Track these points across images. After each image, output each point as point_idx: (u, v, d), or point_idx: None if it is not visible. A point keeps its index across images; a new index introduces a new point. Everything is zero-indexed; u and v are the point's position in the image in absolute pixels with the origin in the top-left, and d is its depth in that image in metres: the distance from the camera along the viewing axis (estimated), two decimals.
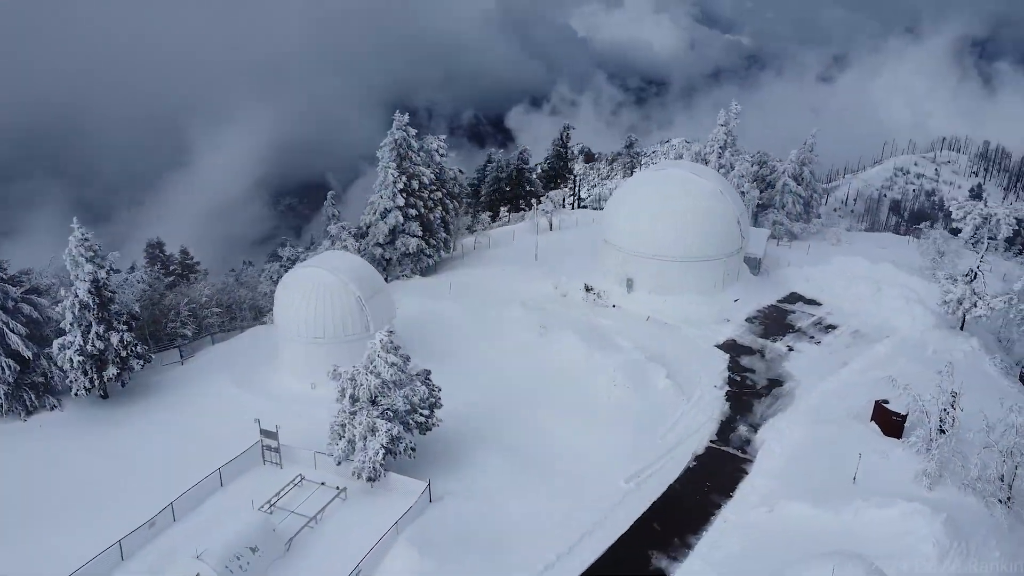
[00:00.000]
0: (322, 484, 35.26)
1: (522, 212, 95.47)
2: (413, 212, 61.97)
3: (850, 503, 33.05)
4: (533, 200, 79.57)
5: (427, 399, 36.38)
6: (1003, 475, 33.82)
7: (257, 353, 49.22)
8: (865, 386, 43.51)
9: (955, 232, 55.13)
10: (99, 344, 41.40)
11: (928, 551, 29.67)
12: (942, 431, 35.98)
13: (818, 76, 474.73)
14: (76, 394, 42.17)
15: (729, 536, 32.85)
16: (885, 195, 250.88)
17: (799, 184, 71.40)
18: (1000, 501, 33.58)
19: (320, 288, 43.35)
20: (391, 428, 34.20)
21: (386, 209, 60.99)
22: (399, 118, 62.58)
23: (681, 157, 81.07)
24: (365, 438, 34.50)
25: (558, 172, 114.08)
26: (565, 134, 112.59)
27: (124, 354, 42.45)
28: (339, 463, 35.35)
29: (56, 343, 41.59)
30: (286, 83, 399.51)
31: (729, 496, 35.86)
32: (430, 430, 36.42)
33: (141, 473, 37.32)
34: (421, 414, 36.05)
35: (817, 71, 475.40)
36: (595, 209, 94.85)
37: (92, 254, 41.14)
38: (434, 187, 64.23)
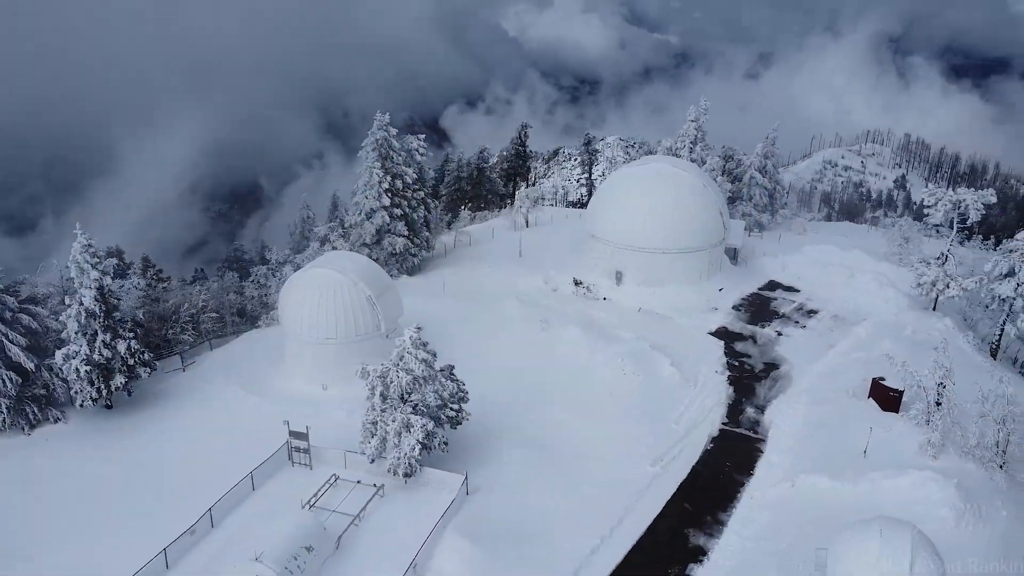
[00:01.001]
0: (358, 482, 35.40)
1: (496, 210, 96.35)
2: (398, 212, 62.10)
3: (865, 474, 35.10)
4: (509, 198, 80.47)
5: (456, 394, 36.93)
6: (998, 442, 36.43)
7: (259, 356, 48.72)
8: (855, 365, 45.97)
9: (919, 218, 58.27)
10: (106, 353, 40.44)
11: (946, 515, 31.85)
12: (938, 404, 38.51)
13: (745, 74, 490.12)
14: (81, 405, 41.08)
15: (758, 511, 34.45)
16: (816, 187, 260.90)
17: (764, 176, 74.25)
18: (998, 466, 36.22)
19: (331, 288, 43.29)
20: (426, 423, 34.63)
21: (372, 209, 60.92)
22: (380, 118, 62.62)
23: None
24: (400, 434, 34.80)
25: (517, 170, 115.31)
26: (523, 133, 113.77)
27: (131, 362, 41.56)
28: (372, 461, 35.54)
29: (60, 353, 40.43)
30: (216, 86, 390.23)
31: (750, 474, 37.53)
32: (460, 424, 36.96)
33: (161, 482, 36.68)
34: (451, 408, 36.58)
35: (744, 69, 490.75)
36: (573, 207, 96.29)
37: (97, 260, 40.14)
38: (416, 186, 64.44)
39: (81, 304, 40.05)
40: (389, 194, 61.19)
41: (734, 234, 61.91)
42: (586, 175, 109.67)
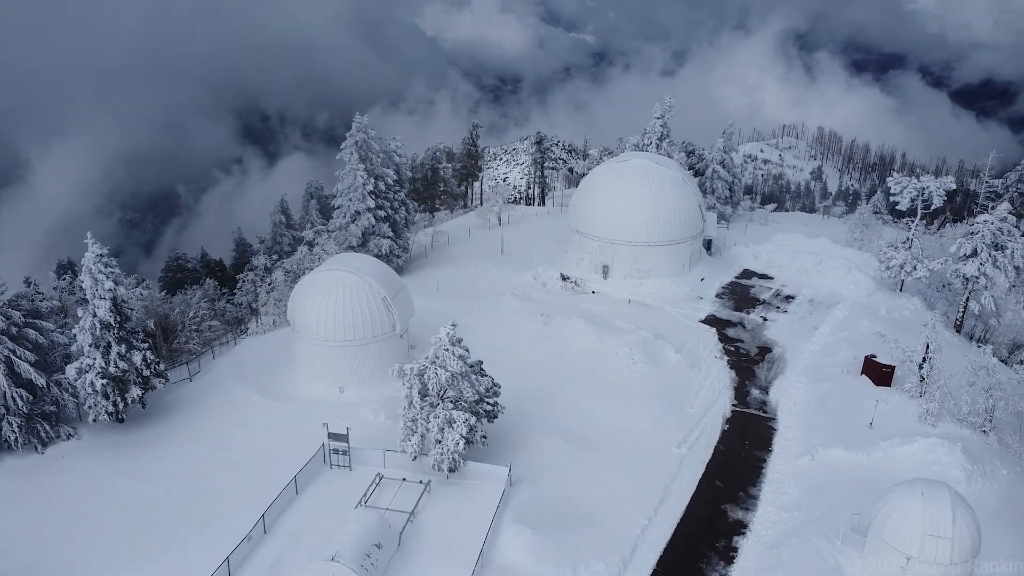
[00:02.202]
0: (403, 480, 35.84)
1: (449, 210, 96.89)
2: (382, 214, 62.21)
3: (876, 444, 37.79)
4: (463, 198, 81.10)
5: (491, 388, 37.78)
6: (987, 409, 39.80)
7: (266, 361, 48.30)
8: (843, 344, 49.05)
9: (852, 209, 61.95)
10: (122, 365, 39.51)
11: (957, 475, 34.69)
12: (922, 379, 41.74)
13: (661, 71, 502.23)
14: (95, 420, 40.00)
15: (786, 484, 36.65)
16: (740, 180, 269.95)
17: (725, 169, 77.46)
18: (985, 431, 39.59)
19: (347, 290, 43.39)
20: (468, 418, 35.39)
21: (357, 212, 60.86)
22: (359, 119, 62.58)
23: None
24: (442, 430, 35.44)
25: (470, 170, 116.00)
26: (474, 132, 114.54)
27: (146, 373, 40.71)
28: (414, 458, 36.09)
29: (72, 367, 39.26)
30: (127, 92, 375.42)
31: (768, 450, 39.78)
32: (496, 417, 37.84)
33: (196, 493, 36.14)
34: (488, 403, 37.44)
35: (660, 67, 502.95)
36: (528, 204, 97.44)
37: (111, 271, 39.17)
38: (397, 188, 64.66)
39: (95, 316, 38.99)
40: (373, 196, 61.25)
41: (709, 225, 64.60)
42: (539, 173, 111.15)
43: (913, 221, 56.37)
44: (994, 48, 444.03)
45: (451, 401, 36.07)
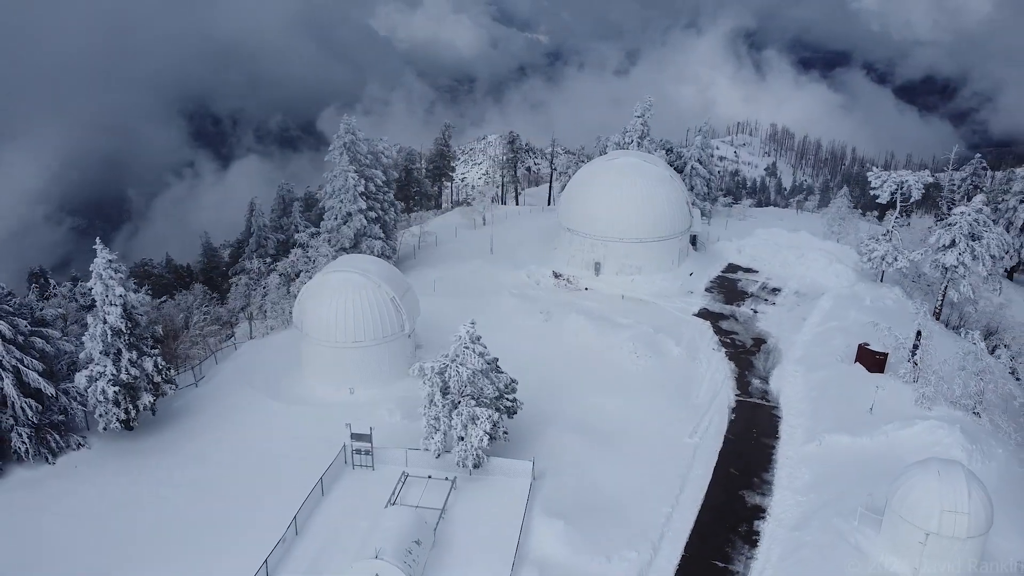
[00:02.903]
0: (429, 477, 36.22)
1: (422, 210, 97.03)
2: (373, 215, 62.26)
3: (879, 428, 39.45)
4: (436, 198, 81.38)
5: (509, 384, 38.38)
6: (978, 392, 41.81)
7: (271, 365, 48.09)
8: (833, 334, 50.88)
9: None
10: (133, 371, 39.07)
11: (959, 455, 36.38)
12: (914, 363, 43.72)
13: (615, 70, 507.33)
14: (105, 428, 39.43)
15: (797, 469, 38.02)
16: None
17: (703, 166, 79.25)
18: (977, 413, 41.57)
19: (357, 291, 43.52)
20: (491, 414, 35.95)
21: (348, 213, 60.79)
22: (347, 121, 62.58)
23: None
24: (466, 427, 35.91)
25: (442, 170, 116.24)
26: (447, 132, 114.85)
27: (157, 380, 40.32)
28: (438, 456, 36.50)
29: (82, 375, 38.66)
30: (75, 96, 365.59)
31: (776, 438, 41.19)
32: (516, 413, 38.43)
33: (217, 497, 35.96)
34: (507, 399, 38.02)
35: (614, 65, 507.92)
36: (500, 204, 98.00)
37: (121, 276, 38.70)
38: (386, 188, 64.75)
39: (105, 322, 38.47)
40: (364, 197, 61.27)
41: (695, 221, 66.06)
42: (512, 173, 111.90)
43: (892, 213, 58.57)
44: (934, 45, 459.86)
45: (472, 398, 36.55)
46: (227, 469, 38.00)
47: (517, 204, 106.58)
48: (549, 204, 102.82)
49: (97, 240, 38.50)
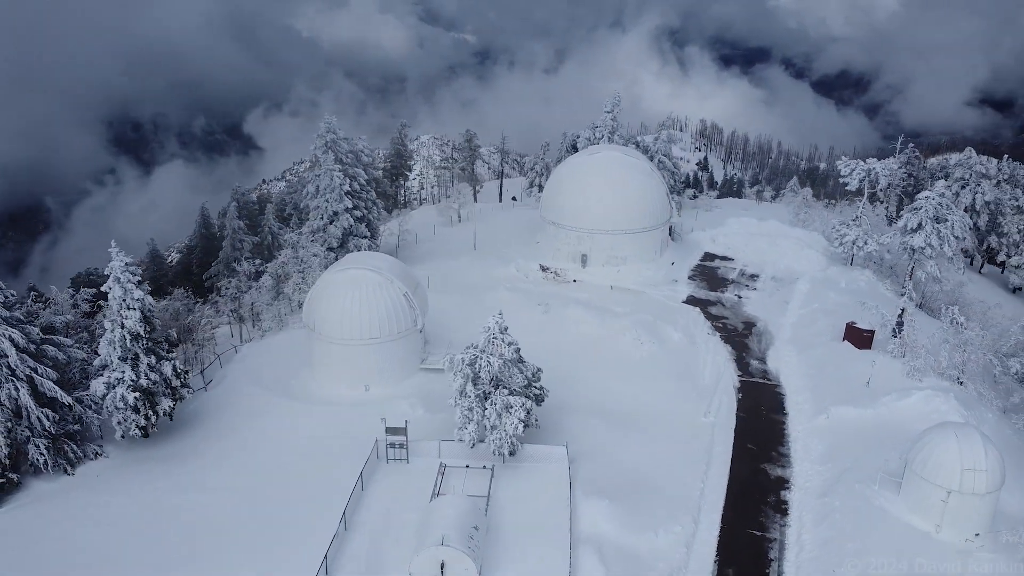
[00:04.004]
0: (467, 467, 36.76)
1: (398, 208, 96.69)
2: (358, 214, 62.11)
3: (878, 400, 41.93)
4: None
5: (536, 372, 39.27)
6: (962, 362, 44.92)
7: (277, 365, 47.65)
8: (817, 315, 53.62)
9: (739, 194, 67.52)
10: (153, 376, 38.35)
11: (957, 420, 38.97)
12: (896, 336, 46.61)
13: (544, 68, 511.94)
14: (123, 436, 38.59)
15: (810, 441, 40.14)
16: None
17: (669, 159, 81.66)
18: (961, 383, 44.64)
19: (371, 288, 43.59)
20: (524, 402, 36.77)
21: (335, 213, 60.48)
22: (328, 120, 62.27)
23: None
24: (500, 416, 36.62)
25: (399, 169, 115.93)
26: (402, 132, 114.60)
27: (175, 384, 39.64)
28: (473, 446, 37.09)
29: (99, 382, 37.72)
30: None
31: (784, 413, 43.31)
32: (544, 400, 39.33)
33: (253, 499, 35.63)
34: (535, 387, 38.90)
35: (543, 63, 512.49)
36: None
37: (139, 279, 37.91)
38: (368, 187, 64.65)
39: (123, 327, 37.61)
40: (350, 196, 61.07)
41: (674, 212, 68.17)
42: (469, 170, 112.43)
43: (861, 200, 61.88)
44: (848, 41, 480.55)
45: (507, 388, 37.28)
46: (258, 471, 37.68)
47: (475, 201, 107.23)
48: (500, 201, 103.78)
49: (112, 243, 37.55)
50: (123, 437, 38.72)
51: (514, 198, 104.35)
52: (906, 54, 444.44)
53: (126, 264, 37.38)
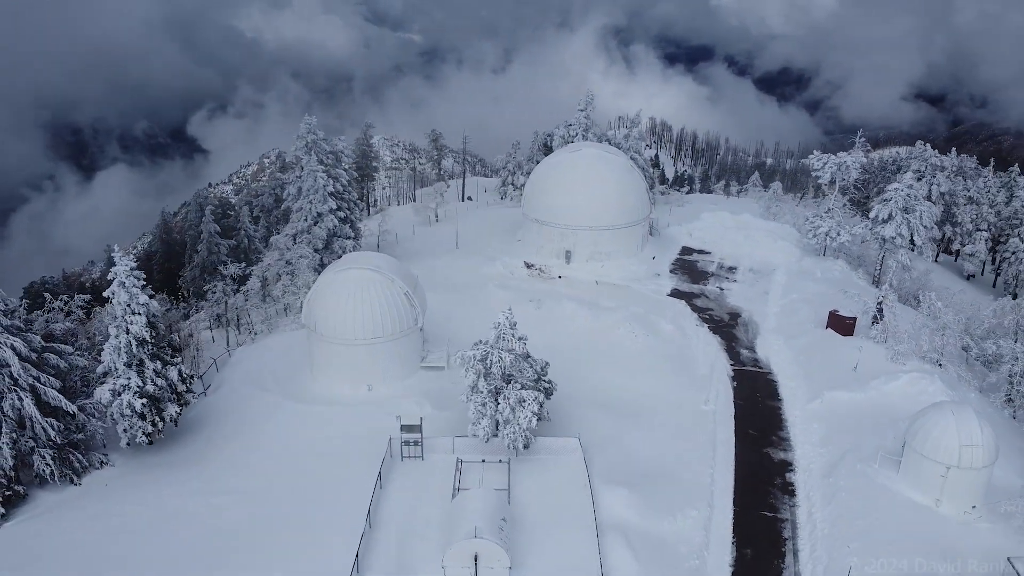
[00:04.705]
0: (483, 461, 37.18)
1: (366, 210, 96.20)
2: (342, 214, 61.87)
3: (867, 383, 43.70)
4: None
5: (545, 366, 39.90)
6: (941, 346, 47.14)
7: (274, 368, 47.29)
8: (798, 304, 55.50)
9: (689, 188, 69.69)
10: (159, 382, 37.82)
11: (943, 400, 41.02)
12: (874, 321, 48.63)
13: (492, 68, 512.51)
14: (129, 444, 37.99)
15: (808, 424, 41.67)
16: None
17: (640, 156, 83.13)
18: (940, 365, 46.84)
19: (372, 288, 43.59)
20: (537, 396, 37.39)
21: (319, 214, 60.11)
22: (308, 120, 61.87)
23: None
24: (514, 410, 37.14)
25: (365, 171, 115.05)
26: (367, 132, 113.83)
27: (181, 389, 39.15)
28: (487, 440, 37.54)
29: (105, 389, 37.00)
30: None
31: (779, 399, 44.83)
32: (552, 394, 39.98)
33: (272, 501, 35.33)
34: (544, 381, 39.55)
35: (492, 63, 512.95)
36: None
37: (144, 283, 37.32)
38: (350, 188, 64.41)
39: (128, 332, 36.99)
40: (334, 197, 60.79)
41: (653, 207, 69.54)
42: (436, 170, 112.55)
43: (832, 192, 64.13)
44: (788, 39, 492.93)
45: (519, 383, 37.82)
46: (271, 473, 37.46)
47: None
48: (462, 200, 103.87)
49: (115, 247, 36.90)
50: (128, 445, 38.10)
51: (469, 198, 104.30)
52: (844, 51, 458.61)
53: (131, 268, 36.75)
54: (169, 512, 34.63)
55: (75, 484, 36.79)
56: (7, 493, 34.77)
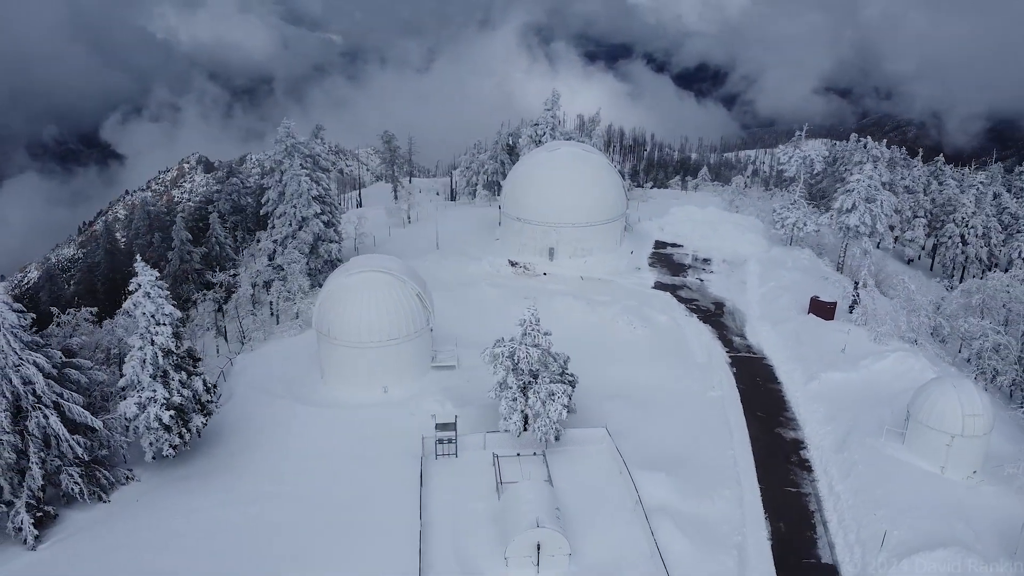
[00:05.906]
0: (518, 455, 38.00)
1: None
2: (325, 218, 61.47)
3: (857, 363, 46.55)
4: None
5: (567, 360, 41.03)
6: (917, 327, 50.51)
7: (282, 374, 46.91)
8: (776, 292, 58.32)
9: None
10: (185, 392, 37.22)
11: (931, 376, 44.15)
12: (853, 309, 51.80)
13: (416, 67, 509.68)
14: (155, 457, 37.25)
15: (810, 404, 44.10)
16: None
17: (603, 154, 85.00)
18: (917, 343, 50.19)
19: (385, 290, 43.81)
20: (566, 389, 38.53)
21: (303, 218, 59.58)
22: (287, 123, 61.26)
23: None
24: (544, 403, 38.15)
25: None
26: (319, 134, 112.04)
27: (205, 399, 38.60)
28: (519, 435, 38.45)
29: (128, 403, 36.09)
30: None
31: (778, 382, 47.21)
32: (575, 385, 41.12)
33: (311, 506, 35.25)
34: (568, 374, 40.68)
35: (416, 62, 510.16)
36: None
37: (168, 294, 36.63)
38: (331, 191, 64.00)
39: (153, 344, 36.26)
40: (317, 201, 60.35)
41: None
42: (391, 172, 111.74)
43: (797, 184, 67.42)
44: (703, 36, 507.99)
45: (547, 377, 38.84)
46: (303, 478, 37.37)
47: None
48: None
49: (137, 258, 36.09)
50: (154, 458, 37.34)
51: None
52: (758, 47, 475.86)
53: (152, 280, 36.01)
54: (208, 523, 34.18)
55: (104, 501, 35.88)
56: (38, 515, 33.67)
